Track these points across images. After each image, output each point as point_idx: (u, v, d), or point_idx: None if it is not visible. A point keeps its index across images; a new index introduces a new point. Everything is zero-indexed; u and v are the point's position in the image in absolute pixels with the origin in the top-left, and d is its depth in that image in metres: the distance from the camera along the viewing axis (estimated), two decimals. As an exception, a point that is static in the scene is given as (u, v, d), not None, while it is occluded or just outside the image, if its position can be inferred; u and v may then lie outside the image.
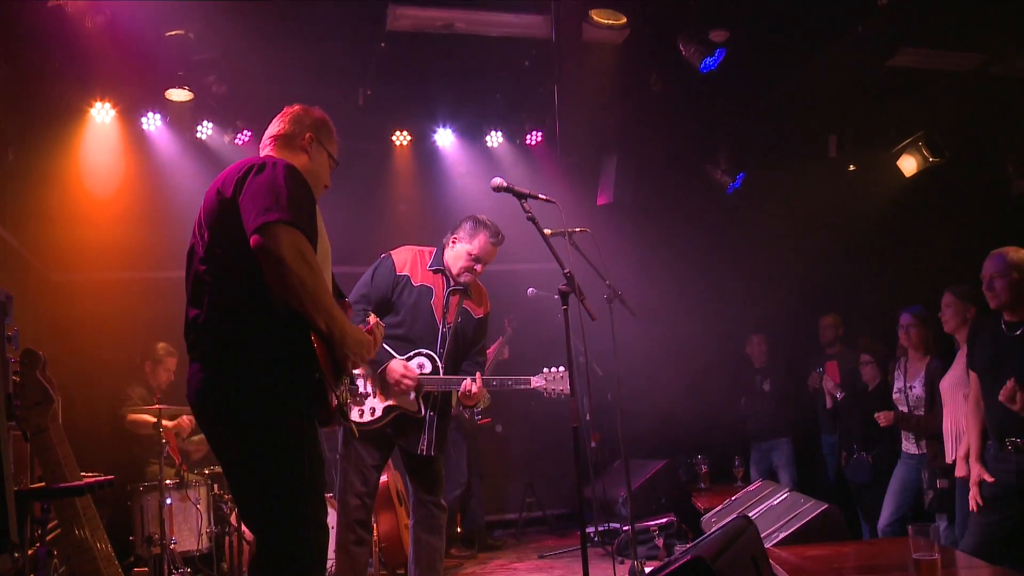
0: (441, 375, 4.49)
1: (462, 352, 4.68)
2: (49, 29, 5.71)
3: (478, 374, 4.48)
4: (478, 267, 4.59)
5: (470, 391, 4.43)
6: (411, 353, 4.50)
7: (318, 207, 2.98)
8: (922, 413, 5.50)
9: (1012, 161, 8.04)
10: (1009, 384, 3.93)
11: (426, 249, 4.71)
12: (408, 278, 4.56)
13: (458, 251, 4.59)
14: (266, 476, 2.76)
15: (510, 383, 4.64)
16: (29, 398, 2.96)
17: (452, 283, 4.62)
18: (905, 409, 5.62)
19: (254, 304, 2.78)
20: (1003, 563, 3.96)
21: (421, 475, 4.61)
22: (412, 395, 4.45)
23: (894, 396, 5.75)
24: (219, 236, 2.84)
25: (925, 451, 5.46)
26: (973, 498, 4.31)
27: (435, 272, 4.61)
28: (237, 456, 2.84)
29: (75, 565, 2.54)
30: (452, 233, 4.65)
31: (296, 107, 3.28)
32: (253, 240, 2.67)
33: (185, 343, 2.90)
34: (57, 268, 7.16)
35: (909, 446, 5.62)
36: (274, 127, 3.22)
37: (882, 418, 5.54)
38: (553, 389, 4.62)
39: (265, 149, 3.18)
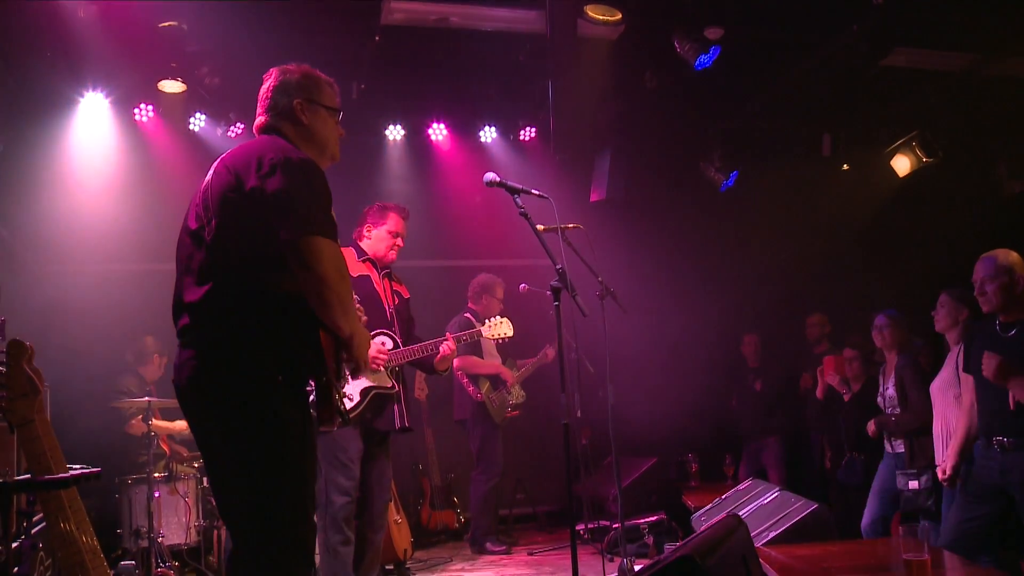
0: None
1: (406, 329, 4.88)
2: (41, 18, 5.67)
3: (448, 335, 4.86)
4: (399, 241, 4.90)
5: (448, 353, 4.80)
6: (372, 333, 4.57)
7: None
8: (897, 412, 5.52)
9: (1004, 161, 8.07)
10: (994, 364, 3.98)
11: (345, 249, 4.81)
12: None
13: (378, 235, 4.87)
14: (265, 469, 2.66)
15: (465, 338, 5.16)
16: (15, 389, 2.93)
17: (380, 269, 4.87)
18: (887, 412, 5.62)
19: (266, 299, 2.72)
20: (977, 559, 3.98)
21: (381, 465, 4.71)
22: (382, 371, 4.61)
23: (877, 400, 5.75)
24: (231, 227, 2.73)
25: (902, 450, 5.45)
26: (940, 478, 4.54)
27: (364, 261, 4.83)
28: (231, 447, 2.70)
29: (60, 558, 2.52)
30: (360, 227, 4.94)
31: (272, 74, 3.10)
32: (289, 252, 2.62)
33: (175, 327, 2.80)
34: (47, 259, 7.12)
35: (888, 445, 5.64)
36: (262, 100, 3.07)
37: (871, 428, 5.58)
38: (497, 335, 5.20)
39: (260, 121, 3.05)
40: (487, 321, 5.24)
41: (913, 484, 5.19)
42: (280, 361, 2.72)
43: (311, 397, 2.84)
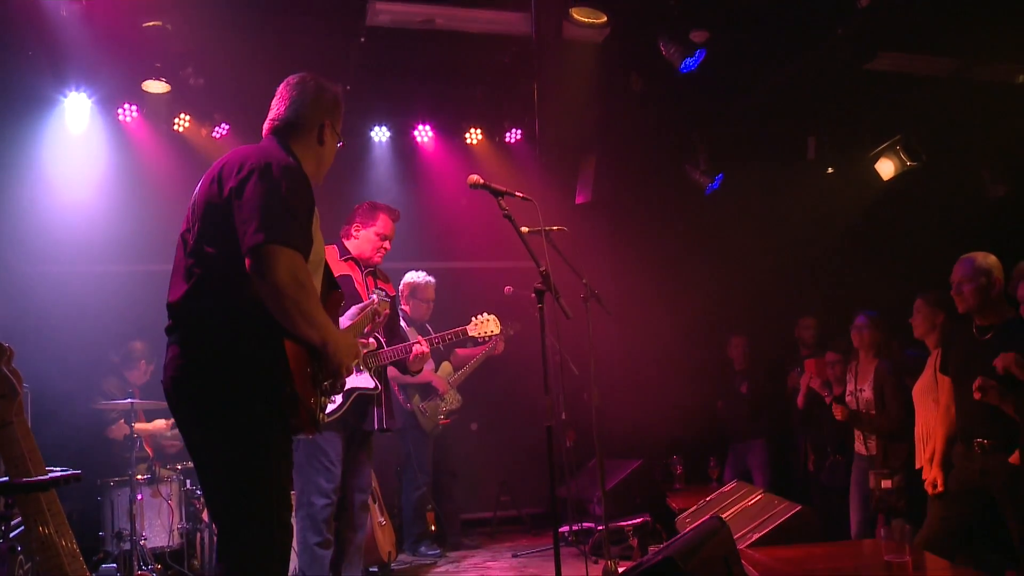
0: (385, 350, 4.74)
1: (389, 327, 4.84)
2: (22, 17, 5.63)
3: (419, 338, 4.85)
4: (387, 244, 4.87)
5: (420, 353, 4.79)
6: None
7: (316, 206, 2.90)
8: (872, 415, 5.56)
9: (987, 166, 8.11)
10: (978, 381, 3.97)
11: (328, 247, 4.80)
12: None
13: (365, 236, 4.84)
14: (233, 469, 2.73)
15: (449, 337, 5.05)
16: (-6, 391, 2.90)
17: (364, 268, 4.84)
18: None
19: (238, 305, 2.74)
20: (952, 558, 4.01)
21: (361, 465, 4.68)
22: (364, 372, 4.58)
23: (847, 399, 5.80)
24: (210, 233, 2.78)
25: (874, 452, 5.51)
26: (930, 492, 4.45)
27: (346, 260, 4.80)
28: (206, 446, 2.80)
29: (39, 562, 2.50)
30: (348, 225, 4.90)
31: (309, 83, 3.08)
32: (247, 261, 2.64)
33: (164, 327, 2.86)
34: (28, 259, 7.06)
35: (860, 447, 5.67)
36: (282, 106, 3.04)
37: (838, 411, 5.58)
38: (483, 333, 5.06)
39: (273, 125, 3.03)
40: (473, 319, 5.14)
41: (886, 484, 5.22)
42: (253, 366, 2.74)
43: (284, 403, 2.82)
